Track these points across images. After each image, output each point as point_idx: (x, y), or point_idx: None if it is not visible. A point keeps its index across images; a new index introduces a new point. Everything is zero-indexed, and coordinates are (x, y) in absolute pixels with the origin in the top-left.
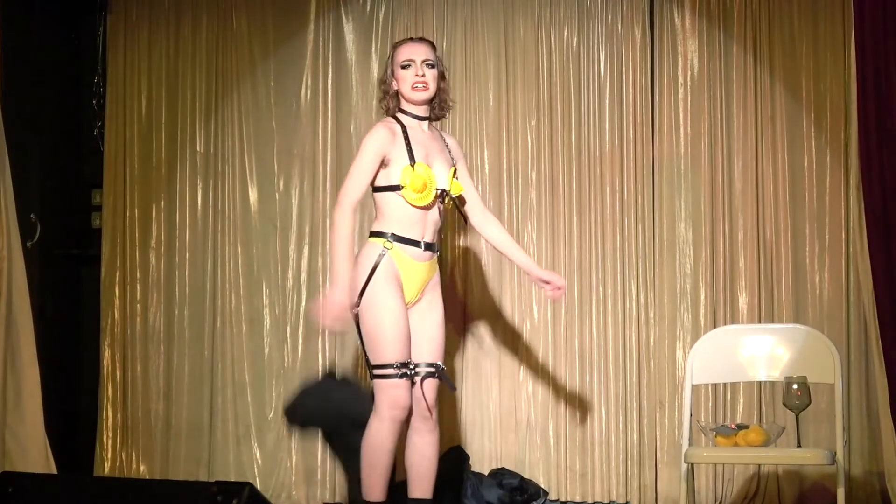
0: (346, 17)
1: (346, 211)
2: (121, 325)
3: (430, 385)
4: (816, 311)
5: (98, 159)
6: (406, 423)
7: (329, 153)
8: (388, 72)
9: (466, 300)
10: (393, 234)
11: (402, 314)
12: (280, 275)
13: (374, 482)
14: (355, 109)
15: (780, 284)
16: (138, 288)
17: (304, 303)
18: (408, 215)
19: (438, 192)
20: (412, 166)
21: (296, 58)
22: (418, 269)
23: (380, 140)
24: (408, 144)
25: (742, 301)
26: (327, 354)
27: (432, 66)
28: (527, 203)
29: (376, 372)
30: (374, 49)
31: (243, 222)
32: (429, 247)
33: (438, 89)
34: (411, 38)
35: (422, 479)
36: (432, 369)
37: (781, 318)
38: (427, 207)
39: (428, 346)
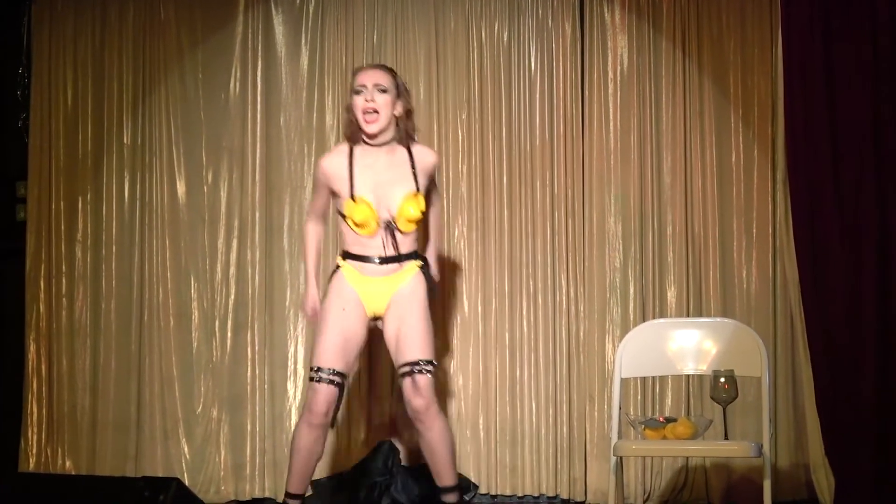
0: (276, 9)
1: (306, 224)
2: (46, 319)
3: (416, 382)
4: (744, 305)
5: (22, 151)
6: (323, 430)
7: (258, 146)
8: (350, 97)
9: None
10: (347, 251)
11: (338, 325)
12: (208, 268)
13: (289, 475)
14: (285, 102)
15: (708, 278)
16: (64, 281)
17: (232, 296)
18: (360, 237)
19: (384, 225)
20: (353, 200)
21: (224, 49)
22: (376, 283)
23: (318, 175)
24: (350, 176)
25: (671, 295)
26: (256, 348)
27: (384, 92)
28: (457, 197)
29: (308, 374)
30: (303, 42)
31: (171, 215)
32: (389, 260)
33: (398, 117)
34: (369, 65)
35: (436, 471)
36: (415, 367)
37: (709, 312)
38: (371, 236)
39: (403, 347)
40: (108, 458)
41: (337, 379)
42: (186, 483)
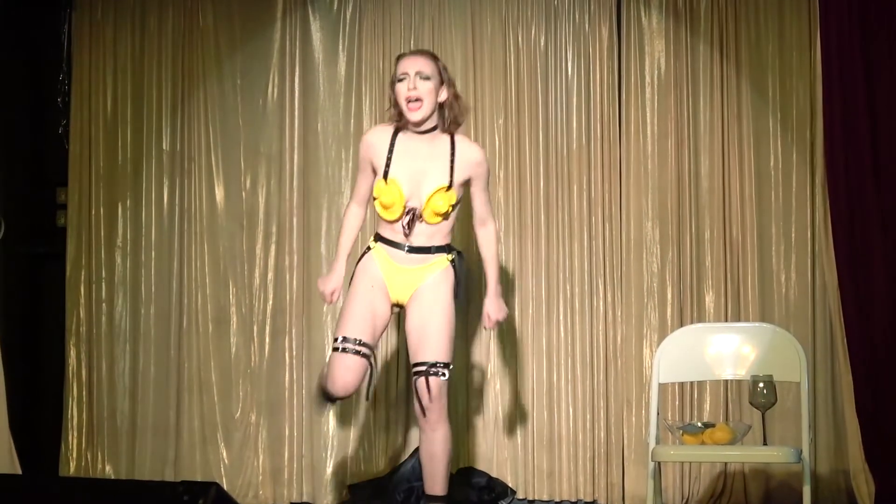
0: (313, 15)
1: (348, 207)
2: (86, 324)
3: (430, 383)
4: (782, 310)
5: (63, 157)
6: (348, 400)
7: (296, 151)
8: (391, 83)
9: None
10: (379, 234)
11: (366, 300)
12: (247, 273)
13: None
14: (322, 107)
15: (746, 283)
16: (104, 287)
17: (270, 301)
18: (389, 221)
19: (407, 210)
20: (385, 180)
21: (262, 55)
22: (402, 271)
23: (361, 149)
24: (388, 157)
25: (708, 300)
26: (294, 353)
27: (427, 79)
28: (495, 201)
29: (332, 346)
30: (341, 47)
31: (209, 220)
32: (417, 250)
33: (442, 103)
34: (411, 51)
35: (430, 477)
36: (432, 369)
37: (748, 317)
38: (394, 222)
39: (421, 346)
40: (147, 463)
41: (364, 350)
42: (225, 487)
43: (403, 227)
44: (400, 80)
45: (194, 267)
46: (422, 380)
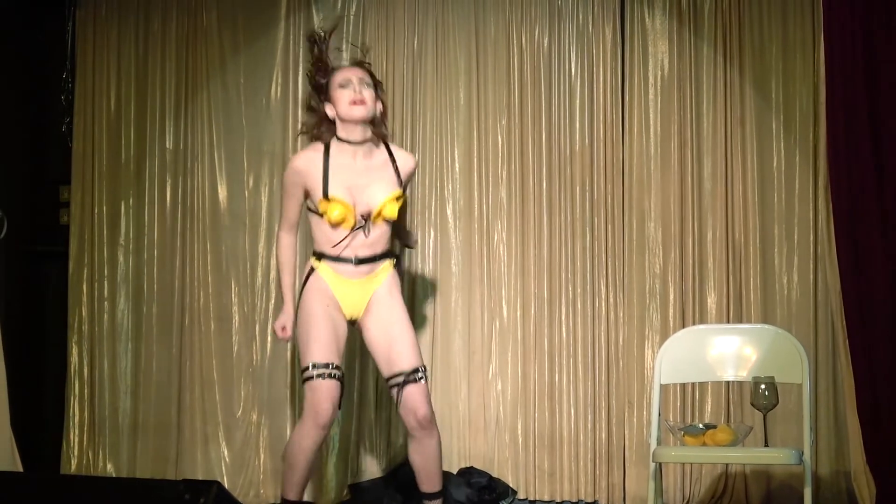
0: (317, 15)
1: (280, 237)
2: (88, 323)
3: (416, 391)
4: (784, 312)
5: (66, 155)
6: (327, 432)
7: (299, 150)
8: (319, 98)
9: (436, 298)
10: (322, 252)
11: (326, 320)
12: (249, 272)
13: (290, 482)
14: None
15: (748, 285)
16: (106, 285)
17: (273, 300)
18: (335, 236)
19: (361, 219)
20: (327, 199)
21: (266, 55)
22: (353, 285)
23: (290, 176)
24: (325, 174)
25: (711, 301)
26: (295, 352)
27: (369, 86)
28: (497, 202)
29: (303, 375)
30: (344, 48)
31: (212, 219)
32: (364, 261)
33: (380, 115)
34: (351, 62)
35: (429, 477)
36: (413, 376)
37: (750, 319)
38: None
39: (394, 355)
40: (148, 461)
41: (337, 373)
42: (226, 486)
43: (364, 233)
44: (342, 87)
45: (196, 265)
46: (411, 388)
